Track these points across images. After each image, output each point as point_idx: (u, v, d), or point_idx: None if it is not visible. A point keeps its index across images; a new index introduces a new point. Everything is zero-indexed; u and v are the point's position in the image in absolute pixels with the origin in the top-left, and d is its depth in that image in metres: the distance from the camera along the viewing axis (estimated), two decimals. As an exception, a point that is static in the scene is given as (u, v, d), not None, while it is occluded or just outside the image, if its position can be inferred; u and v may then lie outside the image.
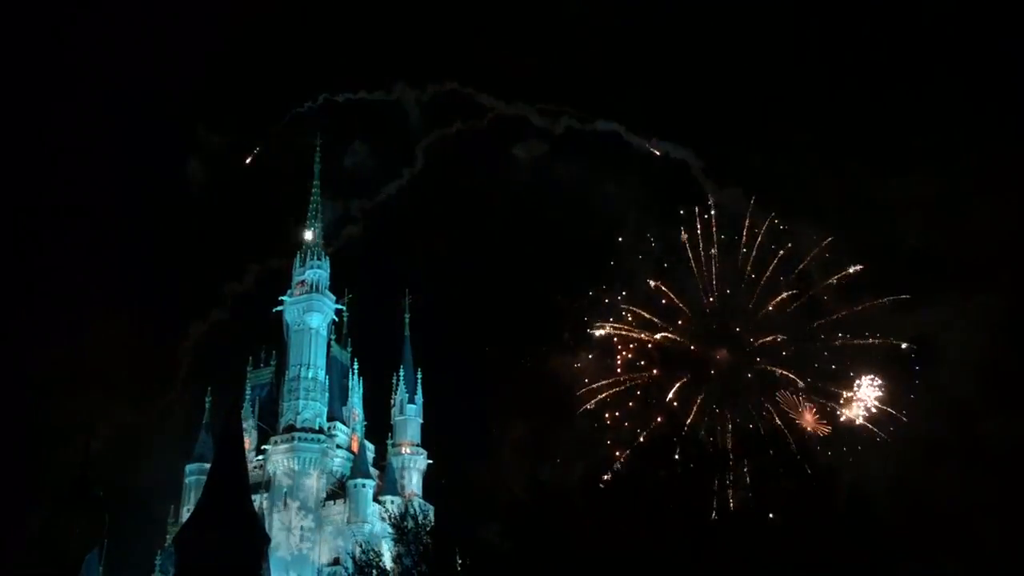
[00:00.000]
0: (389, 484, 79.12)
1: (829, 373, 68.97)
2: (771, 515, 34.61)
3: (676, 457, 37.00)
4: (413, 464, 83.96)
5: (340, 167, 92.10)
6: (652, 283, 72.05)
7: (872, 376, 67.62)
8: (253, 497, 64.92)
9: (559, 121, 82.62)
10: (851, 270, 69.86)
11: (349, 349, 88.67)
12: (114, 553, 72.62)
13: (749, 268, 71.82)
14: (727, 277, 72.42)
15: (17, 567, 38.00)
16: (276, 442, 78.57)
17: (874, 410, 66.78)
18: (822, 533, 33.49)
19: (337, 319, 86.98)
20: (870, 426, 66.62)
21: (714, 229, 72.79)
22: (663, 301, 72.35)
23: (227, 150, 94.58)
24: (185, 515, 72.93)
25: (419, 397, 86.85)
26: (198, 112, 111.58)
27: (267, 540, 58.97)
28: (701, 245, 72.44)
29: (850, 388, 67.82)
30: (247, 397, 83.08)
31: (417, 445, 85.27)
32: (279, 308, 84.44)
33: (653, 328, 71.93)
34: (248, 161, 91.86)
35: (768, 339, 70.73)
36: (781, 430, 58.90)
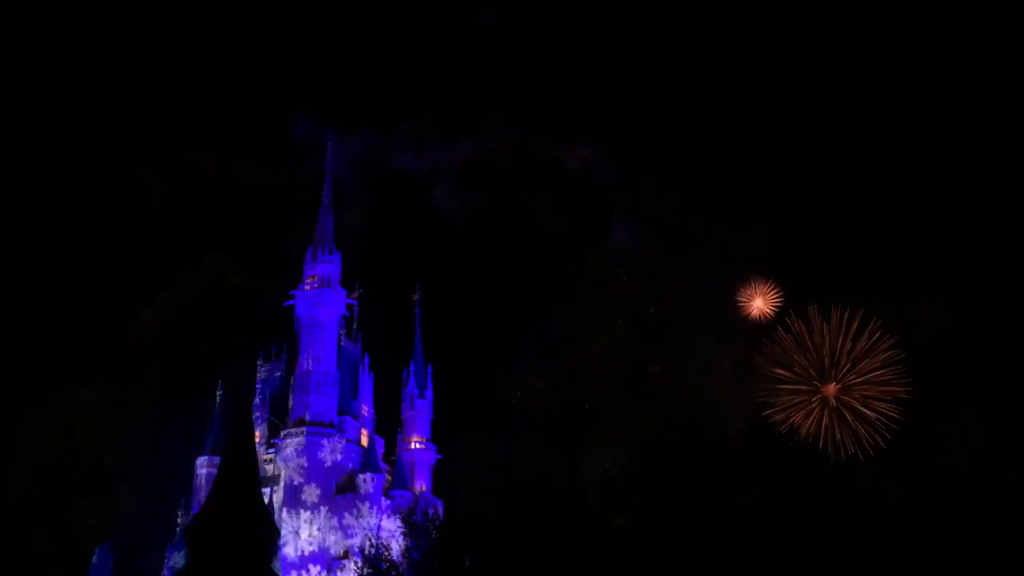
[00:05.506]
0: (399, 478, 79.23)
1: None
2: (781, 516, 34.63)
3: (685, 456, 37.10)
4: (423, 459, 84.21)
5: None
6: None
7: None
8: (263, 490, 65.29)
9: (460, 144, 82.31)
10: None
11: (360, 343, 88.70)
12: (125, 545, 73.22)
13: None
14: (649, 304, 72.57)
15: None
16: (286, 436, 78.82)
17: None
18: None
19: (348, 313, 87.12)
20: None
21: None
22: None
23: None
24: (196, 508, 73.26)
25: (429, 392, 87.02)
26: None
27: (277, 533, 59.39)
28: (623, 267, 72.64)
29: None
30: (257, 391, 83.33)
31: (427, 440, 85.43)
32: (290, 302, 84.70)
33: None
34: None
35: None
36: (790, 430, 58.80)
